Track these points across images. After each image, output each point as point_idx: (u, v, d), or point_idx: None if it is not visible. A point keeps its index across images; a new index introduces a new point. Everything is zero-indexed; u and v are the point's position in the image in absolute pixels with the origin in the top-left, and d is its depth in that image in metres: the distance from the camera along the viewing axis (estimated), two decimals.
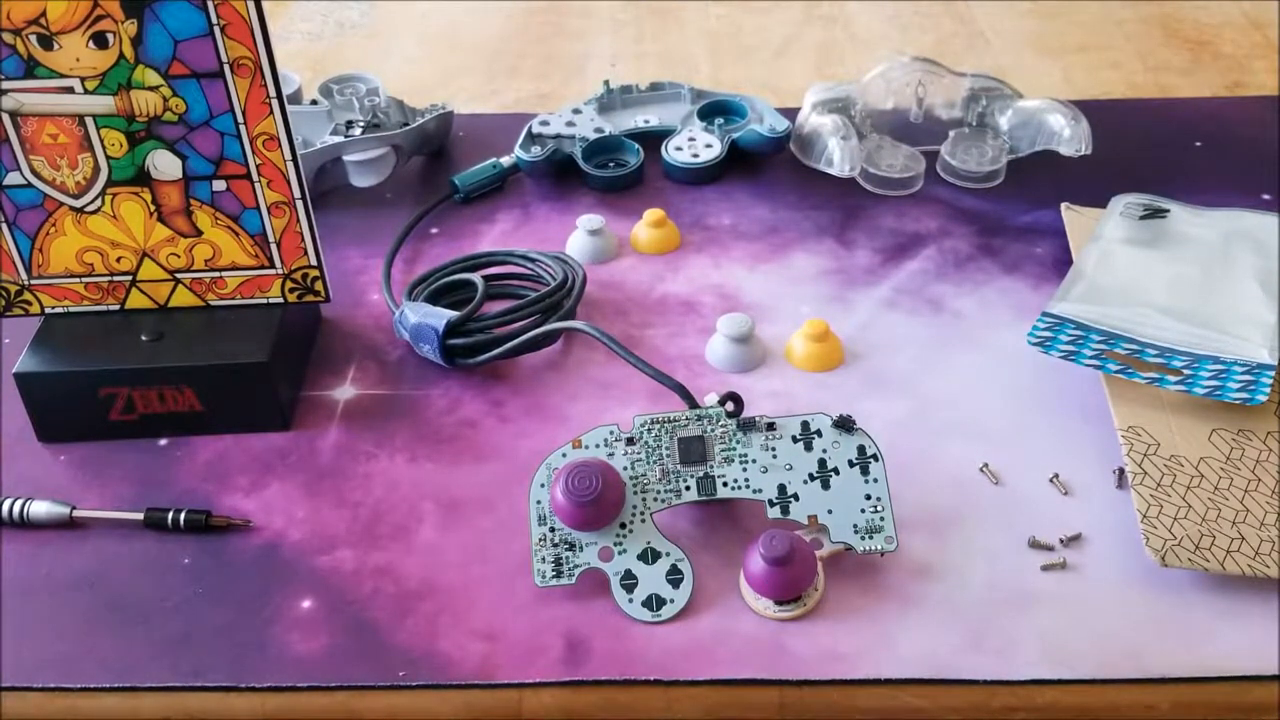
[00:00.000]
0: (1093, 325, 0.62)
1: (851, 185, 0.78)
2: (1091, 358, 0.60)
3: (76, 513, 0.56)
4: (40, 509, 0.56)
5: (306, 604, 0.52)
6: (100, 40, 0.55)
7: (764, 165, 0.81)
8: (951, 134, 0.80)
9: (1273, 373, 0.58)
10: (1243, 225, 0.70)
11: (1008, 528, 0.55)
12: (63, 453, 0.60)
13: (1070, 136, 0.77)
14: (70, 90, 0.56)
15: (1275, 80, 0.93)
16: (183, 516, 0.56)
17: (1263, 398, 0.57)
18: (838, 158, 0.77)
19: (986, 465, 0.58)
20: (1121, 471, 0.57)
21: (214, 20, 0.54)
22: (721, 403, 0.55)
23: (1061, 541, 0.54)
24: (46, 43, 0.55)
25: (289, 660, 0.50)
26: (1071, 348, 0.61)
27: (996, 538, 0.54)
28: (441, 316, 0.63)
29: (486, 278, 0.67)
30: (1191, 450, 0.56)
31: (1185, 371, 0.59)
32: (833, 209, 0.77)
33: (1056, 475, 0.57)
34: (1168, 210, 0.72)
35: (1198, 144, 0.83)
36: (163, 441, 0.61)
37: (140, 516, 0.56)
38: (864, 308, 0.69)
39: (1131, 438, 0.56)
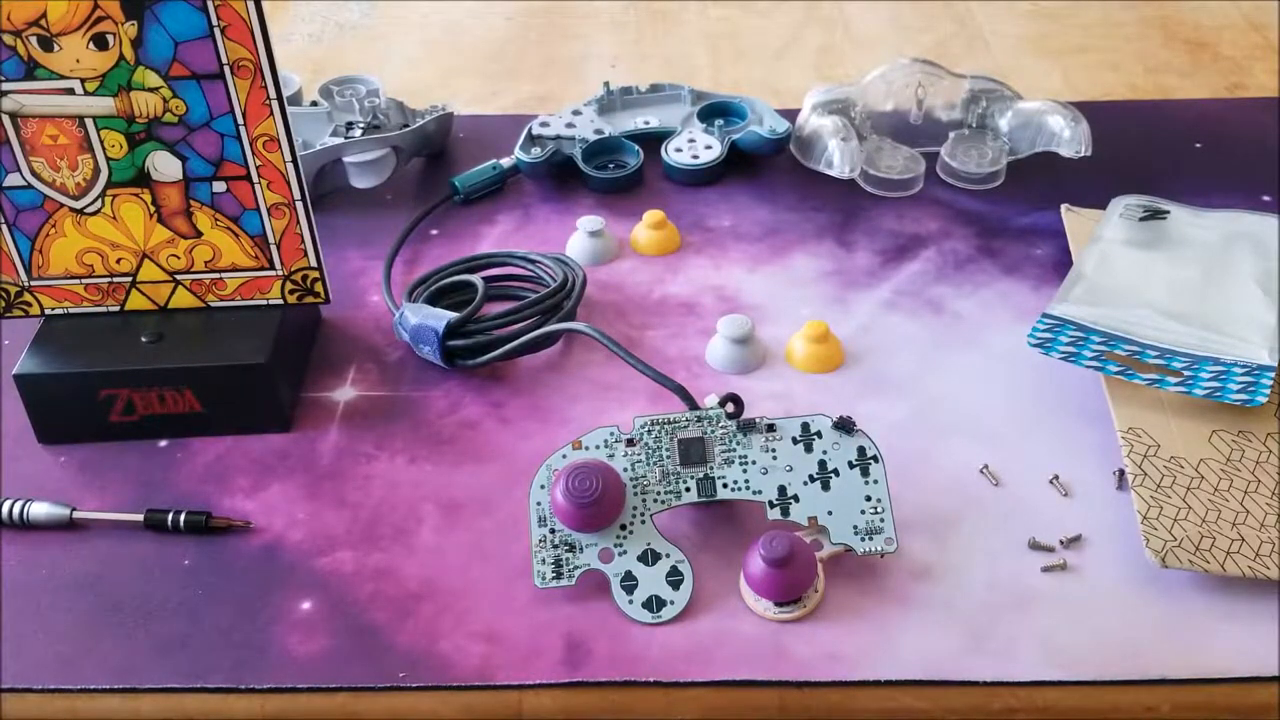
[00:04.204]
0: (1093, 326, 0.62)
1: (851, 187, 0.78)
2: (1092, 359, 0.60)
3: (76, 514, 0.56)
4: (40, 510, 0.56)
5: (306, 605, 0.52)
6: (100, 42, 0.55)
7: (764, 167, 0.81)
8: (951, 135, 0.80)
9: (1273, 374, 0.58)
10: (1243, 227, 0.70)
11: (1008, 529, 0.55)
12: (63, 454, 0.60)
13: (1070, 138, 0.77)
14: (70, 91, 0.56)
15: (1275, 82, 0.93)
16: (183, 518, 0.56)
17: (1262, 399, 0.57)
18: (838, 159, 0.77)
19: (987, 466, 0.58)
20: (1121, 473, 0.57)
21: (214, 22, 0.54)
22: (721, 404, 0.55)
23: (1062, 543, 0.54)
24: (47, 44, 0.55)
25: (289, 662, 0.50)
26: (1072, 349, 0.61)
27: (996, 539, 0.54)
28: (441, 318, 0.63)
29: (486, 279, 0.67)
30: (1191, 452, 0.56)
31: (1185, 373, 0.59)
32: (833, 210, 0.77)
33: (1057, 476, 0.57)
34: (1168, 212, 0.72)
35: (1198, 145, 0.83)
36: (163, 443, 0.61)
37: (140, 518, 0.56)
38: (864, 309, 0.69)
39: (1132, 439, 0.56)
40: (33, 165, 0.58)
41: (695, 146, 0.80)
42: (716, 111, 0.83)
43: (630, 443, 0.54)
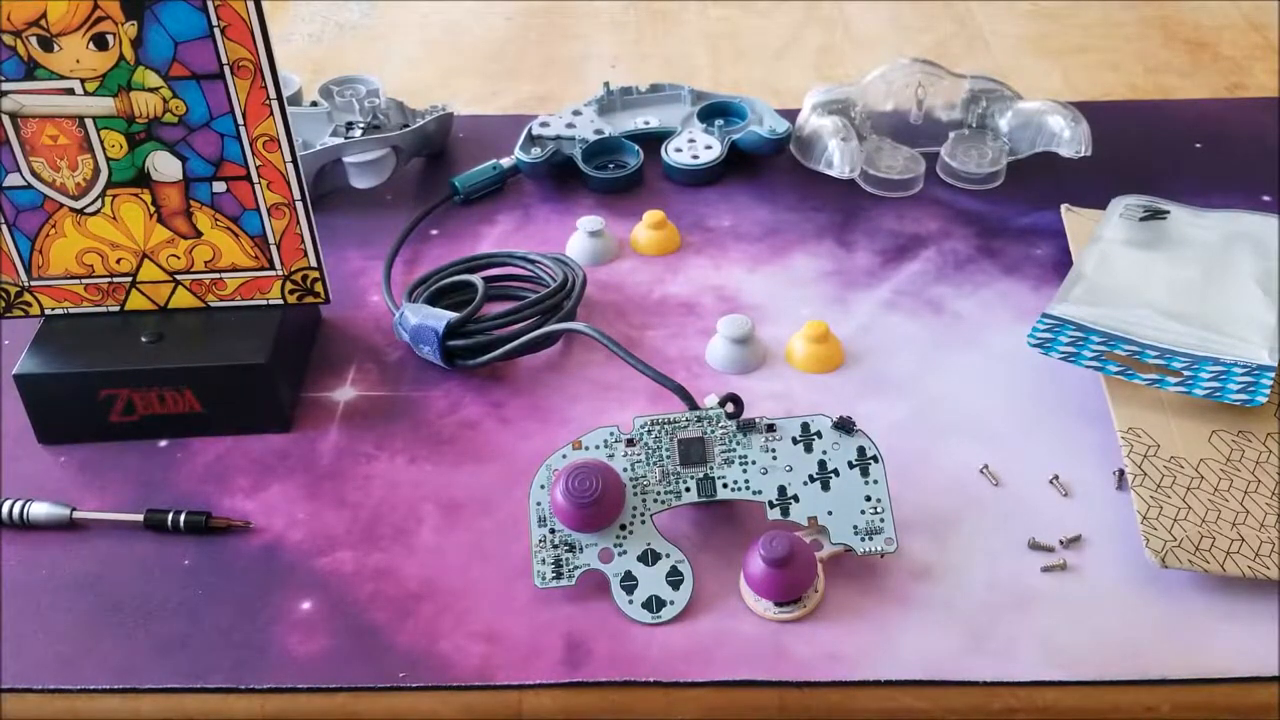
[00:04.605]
0: (1093, 326, 0.62)
1: (851, 187, 0.78)
2: (1091, 359, 0.60)
3: (76, 514, 0.56)
4: (40, 510, 0.56)
5: (306, 605, 0.52)
6: (100, 42, 0.55)
7: (764, 167, 0.81)
8: (951, 135, 0.80)
9: (1272, 374, 0.58)
10: (1243, 227, 0.70)
11: (1008, 529, 0.55)
12: (63, 454, 0.60)
13: (1070, 138, 0.77)
14: (70, 92, 0.56)
15: (1275, 82, 0.93)
16: (183, 518, 0.56)
17: (1262, 399, 0.57)
18: (838, 159, 0.77)
19: (986, 466, 0.58)
20: (1121, 473, 0.57)
21: (214, 22, 0.54)
22: (721, 404, 0.55)
23: (1061, 543, 0.54)
24: (47, 44, 0.55)
25: (289, 662, 0.50)
26: (1071, 349, 0.61)
27: (996, 539, 0.54)
28: (441, 318, 0.63)
29: (486, 279, 0.67)
30: (1191, 452, 0.56)
31: (1185, 373, 0.59)
32: (833, 210, 0.77)
33: (1056, 476, 0.57)
34: (1168, 212, 0.72)
35: (1198, 145, 0.83)
36: (163, 443, 0.61)
37: (140, 518, 0.56)
38: (864, 309, 0.69)
39: (1131, 439, 0.56)
40: (33, 165, 0.58)
41: (695, 146, 0.80)
42: (716, 111, 0.83)
43: (630, 443, 0.54)
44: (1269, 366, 0.59)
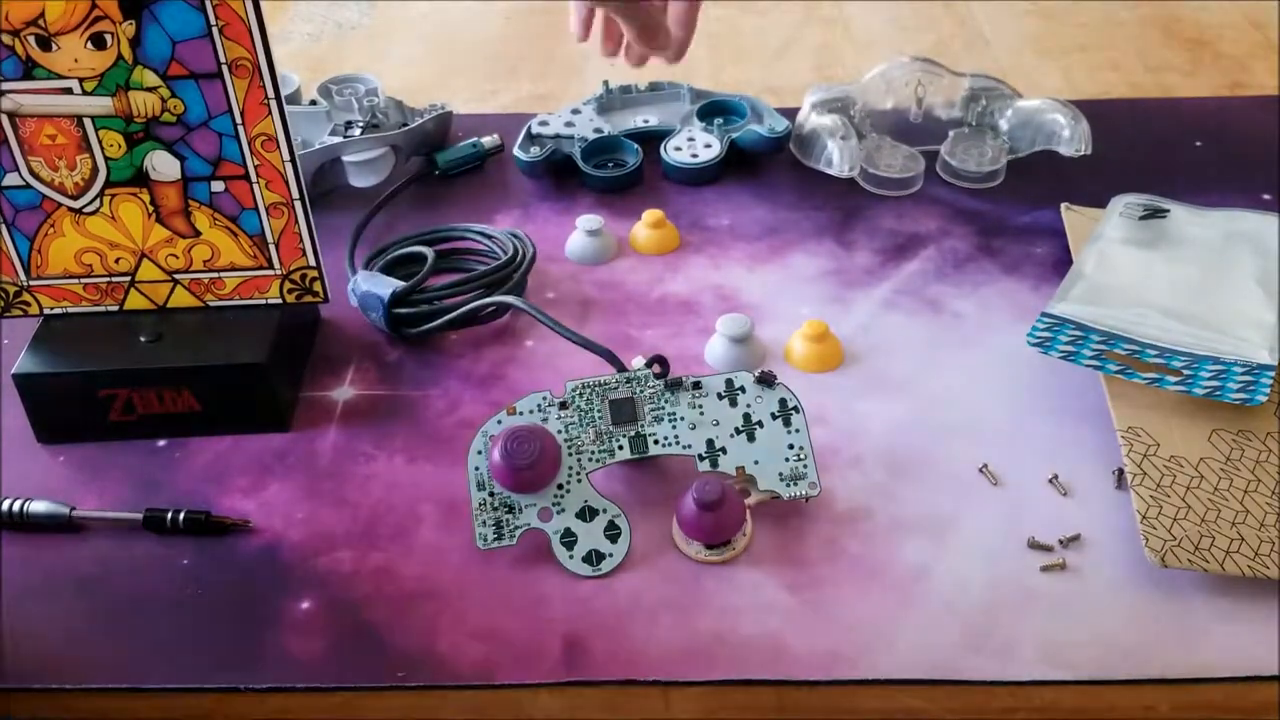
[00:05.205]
0: (1092, 326, 0.62)
1: (851, 186, 0.78)
2: (1091, 358, 0.60)
3: (76, 513, 0.56)
4: (40, 509, 0.56)
5: (306, 605, 0.52)
6: (98, 41, 0.55)
7: (763, 166, 0.81)
8: (951, 134, 0.80)
9: (1272, 373, 0.58)
10: (1242, 226, 0.70)
11: (1007, 528, 0.55)
12: (62, 453, 0.60)
13: (1070, 136, 0.77)
14: (68, 91, 0.56)
15: (1275, 80, 0.93)
16: (182, 517, 0.55)
17: (1262, 398, 0.57)
18: (837, 158, 0.77)
19: (986, 466, 0.58)
20: (1121, 472, 0.57)
21: (212, 21, 0.54)
22: (648, 365, 0.57)
23: (1061, 542, 0.54)
24: (45, 44, 0.55)
25: (288, 661, 0.50)
26: (1071, 348, 0.61)
27: (996, 538, 0.54)
28: (388, 286, 0.65)
29: (442, 252, 0.68)
30: (1191, 451, 0.56)
31: (1185, 372, 0.59)
32: (832, 209, 0.77)
33: (1056, 476, 0.57)
34: (1167, 210, 0.72)
35: (1198, 144, 0.83)
36: (162, 442, 0.61)
37: (139, 517, 0.56)
38: (863, 308, 0.69)
39: (1131, 438, 0.56)
40: (31, 165, 0.58)
41: (694, 145, 0.80)
42: (716, 110, 0.83)
43: (563, 405, 0.56)
44: (1269, 366, 0.59)
